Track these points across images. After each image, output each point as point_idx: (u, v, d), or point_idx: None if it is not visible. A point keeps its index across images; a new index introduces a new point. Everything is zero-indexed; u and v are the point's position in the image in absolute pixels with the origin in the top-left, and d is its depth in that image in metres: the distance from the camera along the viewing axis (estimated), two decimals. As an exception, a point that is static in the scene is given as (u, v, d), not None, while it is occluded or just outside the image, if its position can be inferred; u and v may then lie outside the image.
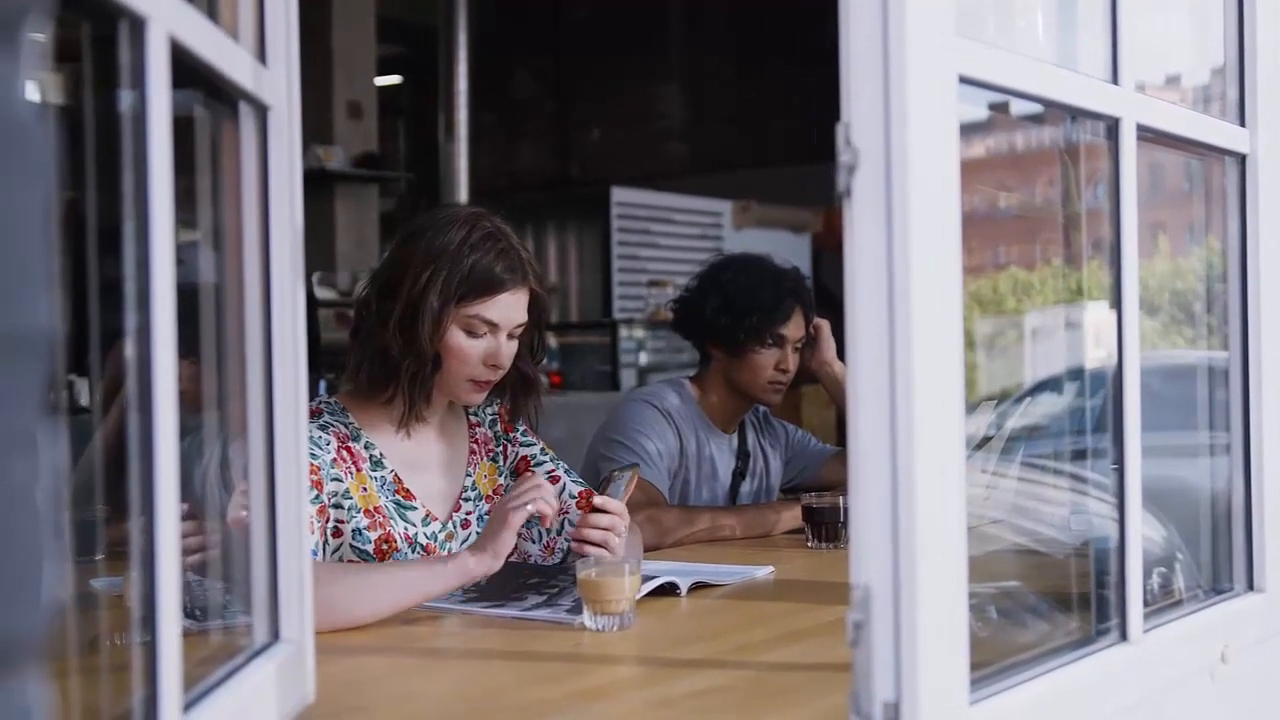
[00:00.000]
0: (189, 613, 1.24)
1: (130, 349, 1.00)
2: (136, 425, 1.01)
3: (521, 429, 2.44)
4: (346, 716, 1.49)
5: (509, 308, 2.22)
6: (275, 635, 1.38)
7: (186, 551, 1.12)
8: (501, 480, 2.40)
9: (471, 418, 2.41)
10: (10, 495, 0.55)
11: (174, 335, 1.03)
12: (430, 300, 2.16)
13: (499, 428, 2.43)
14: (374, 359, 2.22)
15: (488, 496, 2.37)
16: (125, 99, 1.01)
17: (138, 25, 1.00)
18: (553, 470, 2.40)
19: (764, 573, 2.37)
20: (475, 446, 2.39)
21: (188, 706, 1.09)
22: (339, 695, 1.53)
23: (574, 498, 2.37)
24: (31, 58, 0.60)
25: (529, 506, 2.02)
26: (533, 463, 2.41)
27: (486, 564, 1.99)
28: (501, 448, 2.42)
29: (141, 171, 1.01)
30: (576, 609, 1.92)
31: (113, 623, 1.45)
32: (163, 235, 1.02)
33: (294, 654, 1.39)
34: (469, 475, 2.36)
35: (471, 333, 2.21)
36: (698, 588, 2.19)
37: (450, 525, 2.29)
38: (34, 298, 0.56)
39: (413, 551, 2.21)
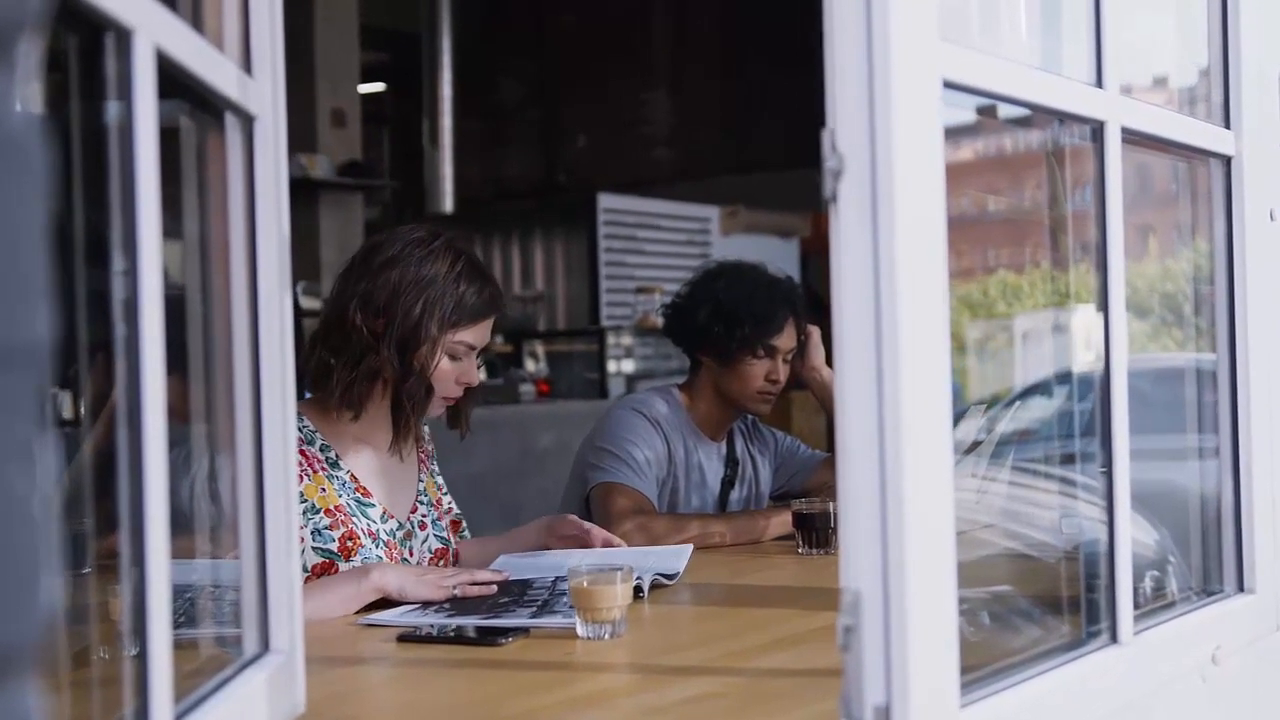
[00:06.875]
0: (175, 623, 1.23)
1: (119, 361, 1.00)
2: (125, 438, 1.00)
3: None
4: (337, 727, 1.49)
5: (488, 332, 2.36)
6: (265, 646, 1.38)
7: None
8: (441, 494, 2.52)
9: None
10: (9, 505, 0.55)
11: (162, 347, 1.02)
12: (430, 328, 2.25)
13: (431, 447, 2.55)
14: (362, 379, 2.26)
15: (435, 503, 2.47)
16: (111, 110, 1.01)
17: (124, 36, 0.99)
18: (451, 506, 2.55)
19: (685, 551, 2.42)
20: (423, 456, 2.50)
21: (178, 718, 1.09)
22: (329, 706, 1.52)
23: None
24: (26, 71, 0.60)
25: (455, 590, 2.11)
26: (442, 493, 2.54)
27: (384, 581, 2.09)
28: (436, 465, 2.54)
29: (129, 182, 1.01)
30: (572, 613, 1.92)
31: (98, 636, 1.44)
32: (150, 247, 1.01)
33: (284, 664, 1.39)
34: (420, 481, 2.46)
35: (453, 356, 2.31)
36: (658, 587, 2.22)
37: (409, 525, 2.39)
38: (33, 310, 0.56)
39: (376, 546, 2.28)
